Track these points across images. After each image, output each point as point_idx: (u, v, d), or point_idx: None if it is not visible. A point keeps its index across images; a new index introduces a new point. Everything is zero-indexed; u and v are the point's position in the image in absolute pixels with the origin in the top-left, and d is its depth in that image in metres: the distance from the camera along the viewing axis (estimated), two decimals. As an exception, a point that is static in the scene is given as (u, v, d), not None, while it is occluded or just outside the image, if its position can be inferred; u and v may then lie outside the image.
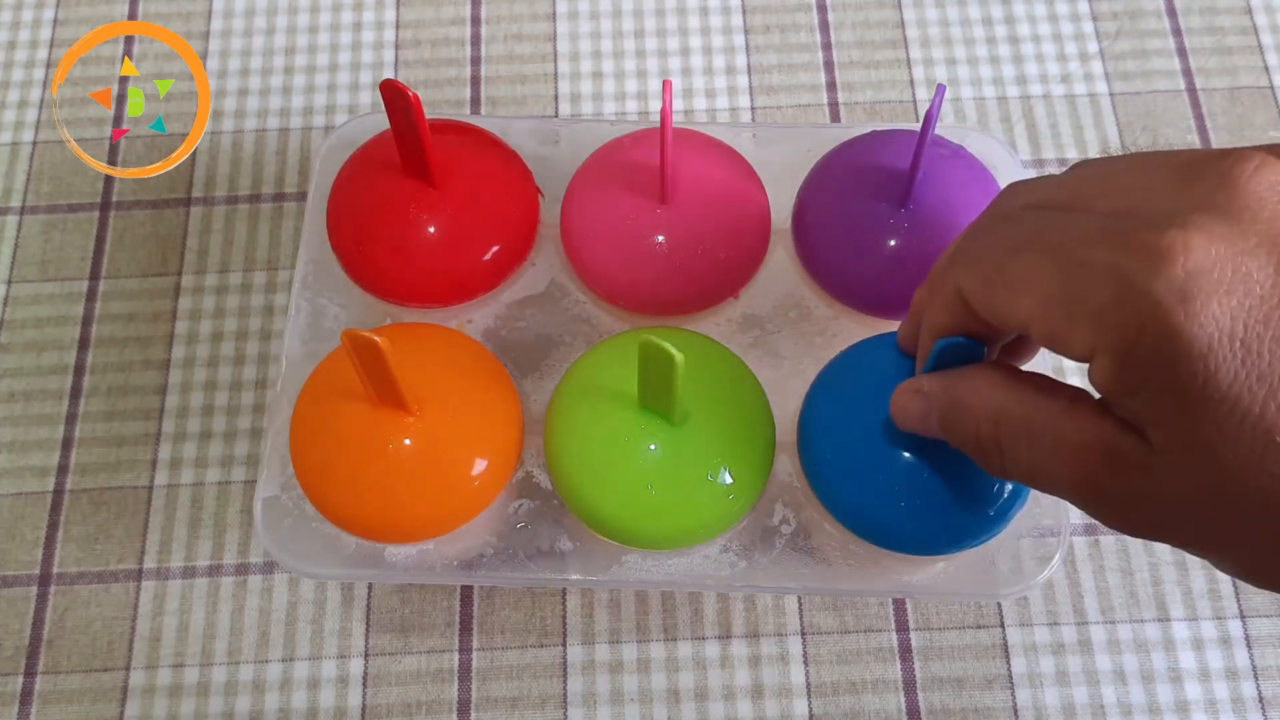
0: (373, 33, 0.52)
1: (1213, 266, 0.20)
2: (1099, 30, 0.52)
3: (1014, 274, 0.23)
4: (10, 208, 0.49)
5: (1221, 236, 0.20)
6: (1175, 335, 0.20)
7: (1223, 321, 0.20)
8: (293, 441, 0.34)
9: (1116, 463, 0.22)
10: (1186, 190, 0.22)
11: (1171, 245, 0.20)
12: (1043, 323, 0.22)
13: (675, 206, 0.37)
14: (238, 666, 0.41)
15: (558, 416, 0.35)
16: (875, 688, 0.41)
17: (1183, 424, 0.21)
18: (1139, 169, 0.23)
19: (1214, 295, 0.20)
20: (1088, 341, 0.22)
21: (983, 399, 0.25)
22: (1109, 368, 0.21)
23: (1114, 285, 0.21)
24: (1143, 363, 0.21)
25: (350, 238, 0.38)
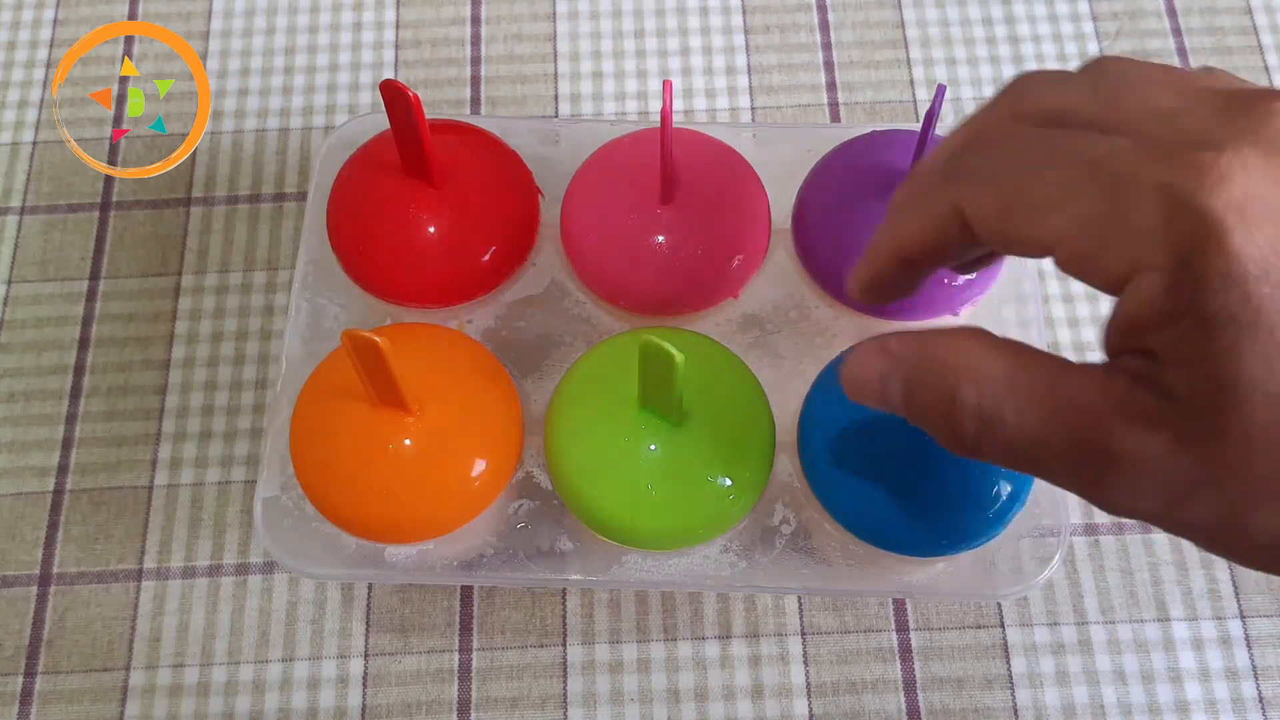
0: (373, 33, 0.52)
1: (1267, 192, 0.19)
2: (1099, 30, 0.52)
3: (1040, 193, 0.21)
4: (10, 208, 0.49)
5: (1265, 166, 0.19)
6: (1231, 256, 0.19)
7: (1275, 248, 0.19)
8: (293, 441, 0.34)
9: (1131, 422, 0.20)
10: (1231, 120, 0.20)
11: (1230, 166, 0.19)
12: (1076, 243, 0.21)
13: (675, 206, 0.37)
14: (238, 666, 0.41)
15: (558, 416, 0.35)
16: (875, 688, 0.41)
17: (1221, 359, 0.19)
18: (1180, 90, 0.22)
19: (1269, 221, 0.19)
20: (1130, 261, 0.20)
21: (964, 357, 0.23)
22: (1153, 290, 0.20)
23: (1165, 202, 0.19)
24: (1191, 286, 0.19)
25: (350, 238, 0.38)
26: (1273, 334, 0.19)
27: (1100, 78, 0.23)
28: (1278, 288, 0.19)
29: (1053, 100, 0.23)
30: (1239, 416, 0.19)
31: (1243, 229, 0.19)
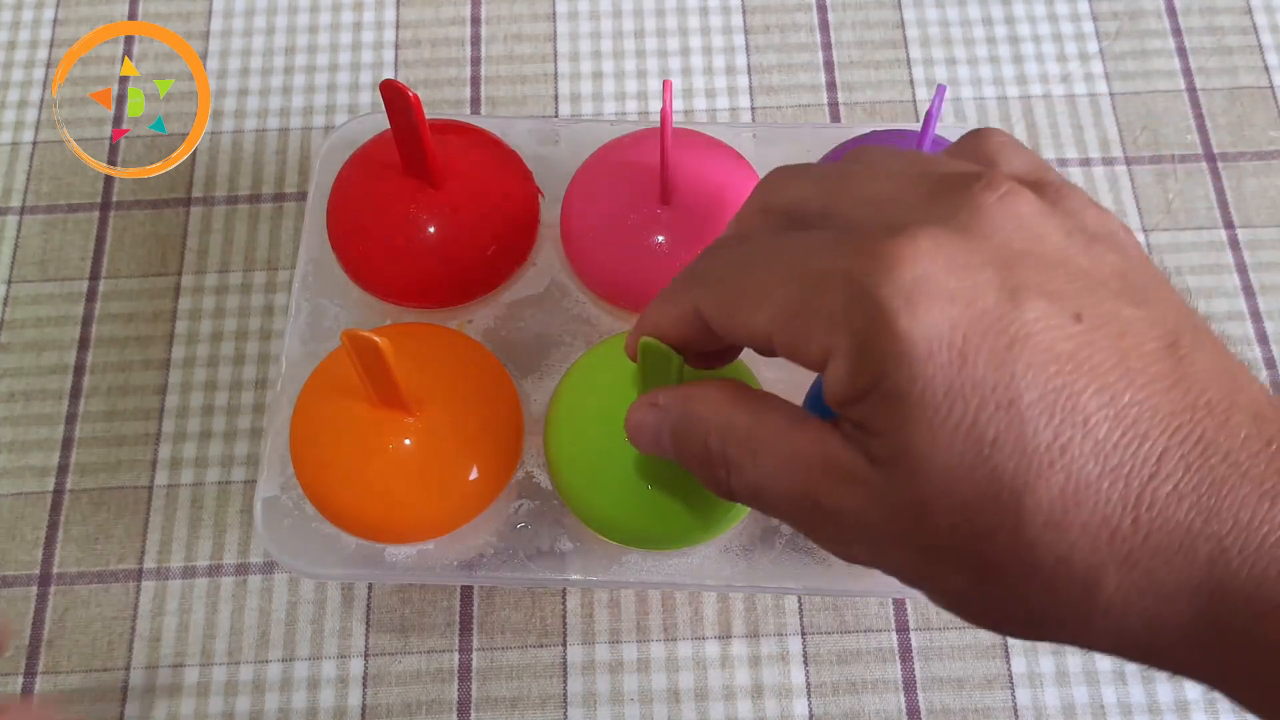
0: (373, 33, 0.52)
1: (939, 274, 0.20)
2: (1099, 30, 0.52)
3: (752, 290, 0.23)
4: (10, 208, 0.49)
5: (953, 249, 0.21)
6: (899, 338, 0.20)
7: (943, 328, 0.20)
8: (293, 441, 0.34)
9: (836, 477, 0.22)
10: (932, 204, 0.22)
11: (901, 251, 0.20)
12: (782, 332, 0.23)
13: (675, 206, 0.37)
14: (238, 666, 0.41)
15: (557, 416, 0.35)
16: (875, 688, 0.41)
17: (900, 431, 0.21)
18: (896, 179, 0.23)
19: (937, 303, 0.20)
20: (823, 345, 0.22)
21: (714, 411, 0.25)
22: (840, 371, 0.21)
23: (845, 290, 0.21)
24: (870, 365, 0.21)
25: (350, 238, 0.38)
26: (938, 410, 0.20)
27: (832, 172, 0.25)
28: (942, 367, 0.20)
29: (788, 198, 0.25)
30: (917, 484, 0.21)
31: (908, 313, 0.20)
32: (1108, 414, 0.20)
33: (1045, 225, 0.21)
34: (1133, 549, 0.20)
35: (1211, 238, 0.48)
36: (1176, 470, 0.20)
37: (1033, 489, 0.20)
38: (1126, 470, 0.20)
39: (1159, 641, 0.21)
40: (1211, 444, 0.20)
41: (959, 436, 0.20)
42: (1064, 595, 0.21)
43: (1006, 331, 0.20)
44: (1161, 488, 0.19)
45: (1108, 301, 0.21)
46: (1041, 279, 0.21)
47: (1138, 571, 0.20)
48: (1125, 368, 0.20)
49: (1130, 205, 0.48)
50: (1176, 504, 0.19)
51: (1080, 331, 0.20)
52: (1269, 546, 0.19)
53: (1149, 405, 0.20)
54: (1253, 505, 0.19)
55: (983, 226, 0.21)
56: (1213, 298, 0.47)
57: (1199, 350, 0.21)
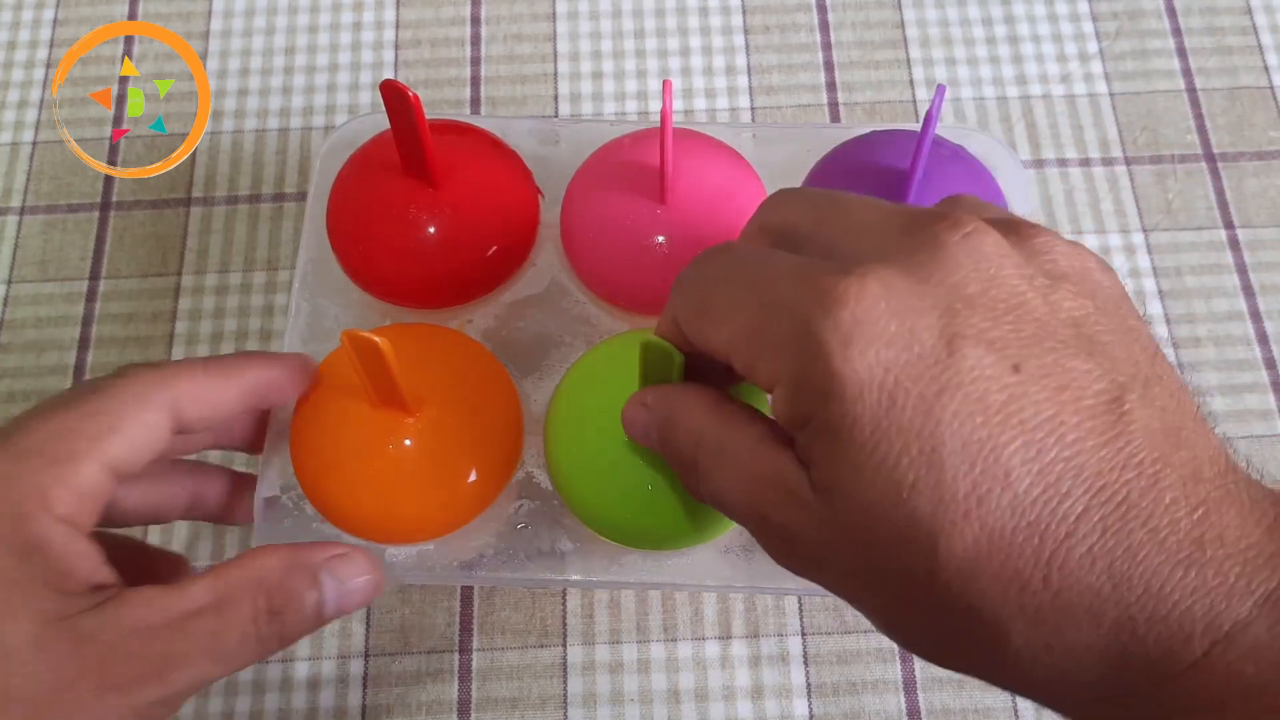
0: (373, 33, 0.52)
1: (879, 317, 0.21)
2: (1099, 30, 0.52)
3: (717, 305, 0.24)
4: (10, 208, 0.49)
5: (900, 291, 0.21)
6: (832, 376, 0.21)
7: (875, 371, 0.20)
8: (293, 442, 0.34)
9: (782, 496, 0.23)
10: (902, 238, 0.22)
11: (845, 292, 0.21)
12: (739, 352, 0.23)
13: (675, 206, 0.37)
14: (238, 666, 0.41)
15: (557, 417, 0.35)
16: (875, 688, 0.41)
17: (831, 463, 0.21)
18: (881, 211, 0.24)
19: (873, 345, 0.21)
20: (771, 371, 0.22)
21: (690, 418, 0.26)
22: (782, 400, 0.22)
23: (792, 322, 0.22)
24: (807, 398, 0.21)
25: (350, 238, 0.38)
26: (863, 449, 0.21)
27: (825, 198, 0.25)
28: (870, 408, 0.20)
29: (782, 218, 0.26)
30: (846, 514, 0.21)
31: (842, 354, 0.21)
32: (1030, 469, 0.20)
33: (1005, 267, 0.22)
34: (1041, 606, 0.20)
35: (1211, 238, 0.48)
36: (1093, 532, 0.20)
37: (946, 537, 0.20)
38: (1043, 527, 0.20)
39: (1067, 695, 0.21)
40: (1134, 507, 0.20)
41: (881, 476, 0.20)
42: (974, 640, 0.21)
43: (938, 379, 0.20)
44: (1076, 548, 0.20)
45: (1053, 353, 0.21)
46: (985, 326, 0.21)
47: (1045, 628, 0.20)
48: (1057, 423, 0.20)
49: (1130, 205, 0.48)
50: (1089, 566, 0.20)
51: (1016, 383, 0.20)
52: (1177, 615, 0.19)
53: (1075, 463, 0.20)
54: (1165, 573, 0.19)
55: (939, 266, 0.21)
56: (1213, 298, 0.47)
57: (1146, 406, 0.20)
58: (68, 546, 0.26)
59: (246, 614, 0.27)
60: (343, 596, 0.29)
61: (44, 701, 0.25)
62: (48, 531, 0.26)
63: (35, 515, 0.26)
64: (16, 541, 0.26)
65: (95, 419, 0.28)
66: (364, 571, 0.30)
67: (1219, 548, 0.19)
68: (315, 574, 0.29)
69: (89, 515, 0.27)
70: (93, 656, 0.25)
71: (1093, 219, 0.48)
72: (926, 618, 0.22)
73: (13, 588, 0.25)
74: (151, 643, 0.26)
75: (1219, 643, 0.19)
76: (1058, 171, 0.49)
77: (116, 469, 0.28)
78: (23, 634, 0.25)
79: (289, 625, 0.28)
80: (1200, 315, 0.46)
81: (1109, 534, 0.19)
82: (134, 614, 0.26)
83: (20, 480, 0.26)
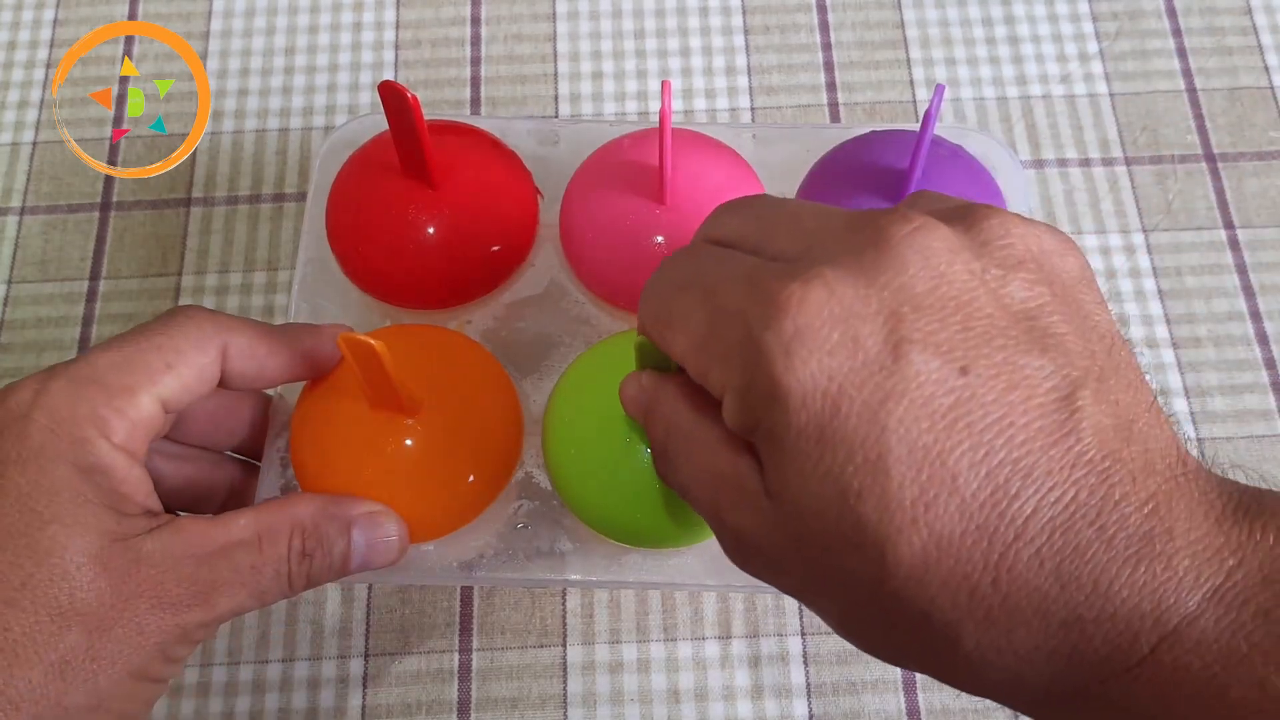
0: (373, 33, 0.52)
1: (822, 325, 0.21)
2: (1099, 30, 0.52)
3: (675, 312, 0.24)
4: (10, 208, 0.49)
5: (844, 296, 0.21)
6: (775, 384, 0.21)
7: (819, 379, 0.20)
8: (293, 442, 0.34)
9: (738, 497, 0.23)
10: (848, 237, 0.22)
11: (788, 300, 0.21)
12: (692, 360, 0.23)
13: (675, 207, 0.37)
14: (237, 667, 0.41)
15: (557, 416, 0.35)
16: (875, 688, 0.41)
17: (778, 470, 0.21)
18: (826, 215, 0.24)
19: (816, 353, 0.20)
20: (720, 379, 0.22)
21: (666, 405, 0.26)
22: (731, 407, 0.22)
23: (739, 331, 0.22)
24: (753, 406, 0.21)
25: (350, 239, 0.38)
26: (808, 457, 0.21)
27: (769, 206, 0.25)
28: (814, 416, 0.20)
29: (727, 231, 0.26)
30: (789, 519, 0.22)
31: (784, 362, 0.20)
32: (978, 473, 0.20)
33: (954, 263, 0.21)
34: (991, 609, 0.20)
35: (1211, 238, 0.48)
36: (1041, 534, 0.19)
37: (894, 544, 0.20)
38: (991, 531, 0.19)
39: (1020, 695, 0.21)
40: (1082, 506, 0.19)
41: (827, 484, 0.20)
42: (927, 644, 0.21)
43: (883, 386, 0.20)
44: (1024, 550, 0.19)
45: (1003, 351, 0.20)
46: (933, 329, 0.20)
47: (995, 631, 0.20)
48: (1006, 424, 0.20)
49: (1130, 205, 0.48)
50: (1037, 568, 0.19)
51: (964, 385, 0.20)
52: (1125, 612, 0.19)
53: (1024, 464, 0.20)
54: (1112, 571, 0.19)
55: (886, 266, 0.21)
56: (1213, 298, 0.47)
57: (1098, 402, 0.20)
58: (127, 472, 0.28)
59: (283, 552, 0.29)
60: (369, 550, 0.31)
61: (103, 616, 0.26)
62: (108, 456, 0.28)
63: (96, 440, 0.28)
64: (83, 463, 0.27)
65: (153, 354, 0.29)
66: (391, 533, 0.32)
67: (1168, 542, 0.19)
68: (347, 525, 0.31)
69: (141, 444, 0.29)
70: (148, 577, 0.27)
71: (1093, 219, 0.48)
72: (879, 623, 0.22)
73: (82, 505, 0.27)
74: (199, 568, 0.28)
75: (1166, 638, 0.19)
76: (1058, 172, 0.49)
77: (168, 404, 0.29)
78: (88, 550, 0.27)
79: (316, 568, 0.30)
80: (1200, 315, 0.46)
81: (1057, 534, 0.19)
82: (186, 540, 0.28)
83: (81, 407, 0.28)
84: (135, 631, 0.27)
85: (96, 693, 0.26)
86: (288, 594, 0.30)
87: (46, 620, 0.26)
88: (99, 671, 0.26)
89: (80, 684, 0.26)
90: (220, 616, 0.28)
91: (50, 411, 0.27)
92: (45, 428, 0.27)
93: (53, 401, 0.28)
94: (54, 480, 0.27)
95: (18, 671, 0.25)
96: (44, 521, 0.26)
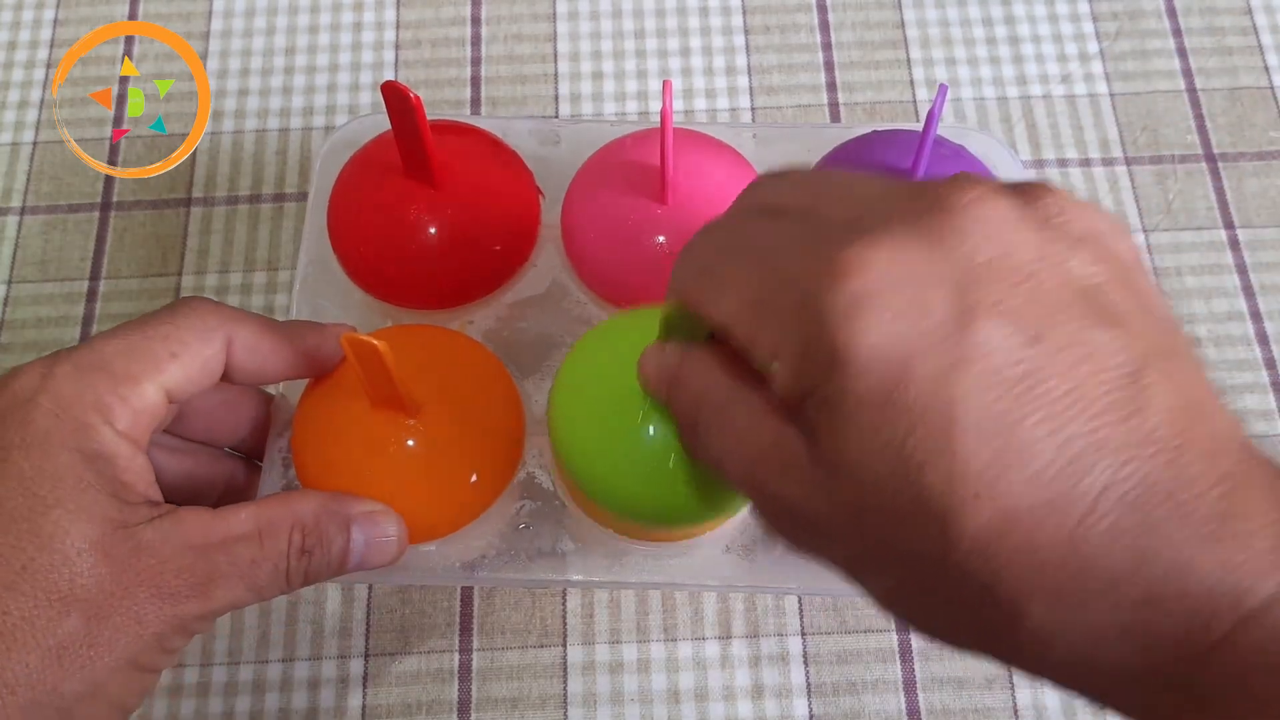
0: (373, 33, 0.52)
1: (887, 289, 0.20)
2: (1099, 30, 0.52)
3: (721, 275, 0.23)
4: (10, 208, 0.49)
5: (909, 261, 0.20)
6: (836, 349, 0.20)
7: (883, 344, 0.20)
8: (294, 443, 0.34)
9: (783, 467, 0.22)
10: (904, 207, 0.21)
11: (850, 262, 0.20)
12: (739, 325, 0.23)
13: (676, 207, 0.37)
14: (238, 667, 0.41)
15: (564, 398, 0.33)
16: (875, 688, 0.41)
17: (835, 438, 0.20)
18: (881, 183, 0.23)
19: (881, 317, 0.20)
20: (771, 346, 0.22)
21: (696, 377, 0.25)
22: (785, 373, 0.21)
23: (797, 294, 0.21)
24: (810, 372, 0.21)
25: (351, 239, 0.38)
26: (869, 426, 0.20)
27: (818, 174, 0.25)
28: (878, 383, 0.19)
29: (774, 196, 0.25)
30: (844, 491, 0.21)
31: (848, 327, 0.20)
32: (1050, 444, 0.19)
33: (1017, 234, 0.21)
34: (1061, 585, 0.19)
35: (1211, 238, 0.48)
36: (1115, 508, 0.19)
37: (959, 516, 0.19)
38: (1063, 504, 0.19)
39: (1085, 677, 0.20)
40: (1157, 483, 0.19)
41: (889, 454, 0.20)
42: (988, 621, 0.20)
43: (952, 352, 0.19)
44: (1097, 525, 0.19)
45: (1073, 322, 0.20)
46: (1001, 296, 0.20)
47: (1064, 608, 0.19)
48: (1077, 396, 0.19)
49: (1130, 205, 0.48)
50: (1111, 543, 0.19)
51: (1034, 355, 0.19)
52: (1202, 592, 0.19)
53: (1097, 438, 0.19)
54: (1190, 549, 0.19)
55: (949, 233, 0.20)
56: (1213, 298, 0.47)
57: (1166, 379, 0.20)
58: (130, 460, 0.28)
59: (282, 548, 0.29)
60: (367, 549, 0.31)
61: (103, 603, 0.26)
62: (112, 443, 0.28)
63: (100, 427, 0.28)
64: (86, 450, 0.27)
65: (159, 343, 0.29)
66: (390, 532, 0.31)
67: (1244, 523, 0.19)
68: (347, 523, 0.31)
69: (145, 433, 0.29)
70: (149, 566, 0.27)
71: (1093, 219, 0.48)
72: (937, 599, 0.21)
73: (84, 491, 0.27)
74: (199, 560, 0.28)
75: (1245, 619, 0.18)
76: (1058, 172, 0.49)
77: (172, 393, 0.29)
78: (89, 536, 0.26)
79: (314, 565, 0.30)
80: (1200, 315, 0.46)
81: (1131, 510, 0.19)
82: (187, 531, 0.28)
83: (86, 393, 0.28)
84: (134, 620, 0.27)
85: (93, 680, 0.26)
86: (285, 590, 0.30)
87: (46, 605, 0.26)
88: (96, 659, 0.26)
89: (77, 670, 0.26)
90: (217, 610, 0.28)
91: (55, 397, 0.27)
92: (50, 413, 0.27)
93: (58, 387, 0.28)
94: (58, 465, 0.27)
95: (15, 656, 0.25)
96: (47, 506, 0.26)
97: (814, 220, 0.23)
